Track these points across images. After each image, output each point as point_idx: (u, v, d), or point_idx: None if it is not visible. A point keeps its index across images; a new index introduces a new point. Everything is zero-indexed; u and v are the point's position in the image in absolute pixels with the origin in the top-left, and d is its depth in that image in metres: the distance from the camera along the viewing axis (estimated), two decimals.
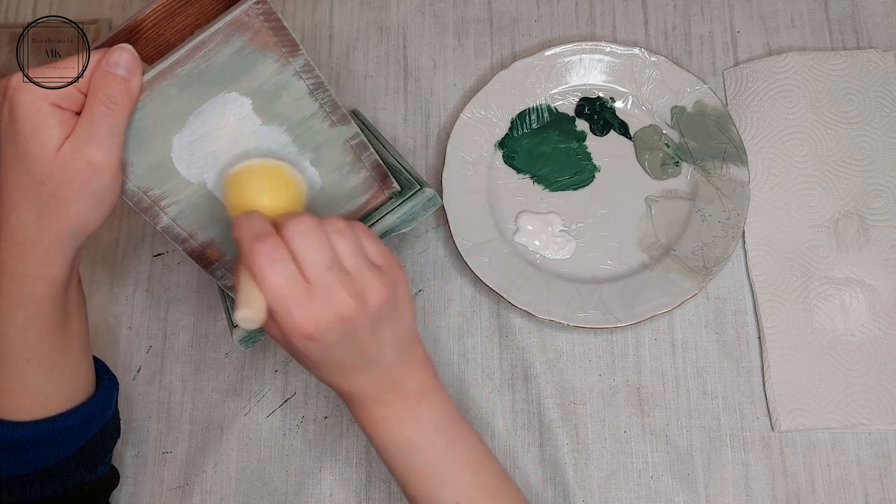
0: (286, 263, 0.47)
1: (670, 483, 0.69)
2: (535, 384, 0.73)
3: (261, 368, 0.75)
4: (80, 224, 0.51)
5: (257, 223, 0.50)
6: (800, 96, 0.77)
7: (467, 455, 0.56)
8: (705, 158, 0.76)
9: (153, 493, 0.72)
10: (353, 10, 0.85)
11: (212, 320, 0.76)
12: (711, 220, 0.74)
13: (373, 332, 0.51)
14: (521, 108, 0.79)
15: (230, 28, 0.49)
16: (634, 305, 0.71)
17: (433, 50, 0.83)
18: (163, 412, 0.74)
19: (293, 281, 0.47)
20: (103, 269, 0.79)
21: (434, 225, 0.78)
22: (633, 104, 0.79)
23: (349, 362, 0.51)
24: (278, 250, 0.47)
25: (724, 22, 0.82)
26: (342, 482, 0.71)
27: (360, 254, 0.50)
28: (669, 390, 0.72)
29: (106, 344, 0.76)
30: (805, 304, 0.72)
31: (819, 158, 0.76)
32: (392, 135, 0.81)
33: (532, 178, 0.78)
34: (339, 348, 0.50)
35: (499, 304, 0.75)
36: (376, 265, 0.51)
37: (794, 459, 0.69)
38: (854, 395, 0.70)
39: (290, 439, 0.73)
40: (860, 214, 0.74)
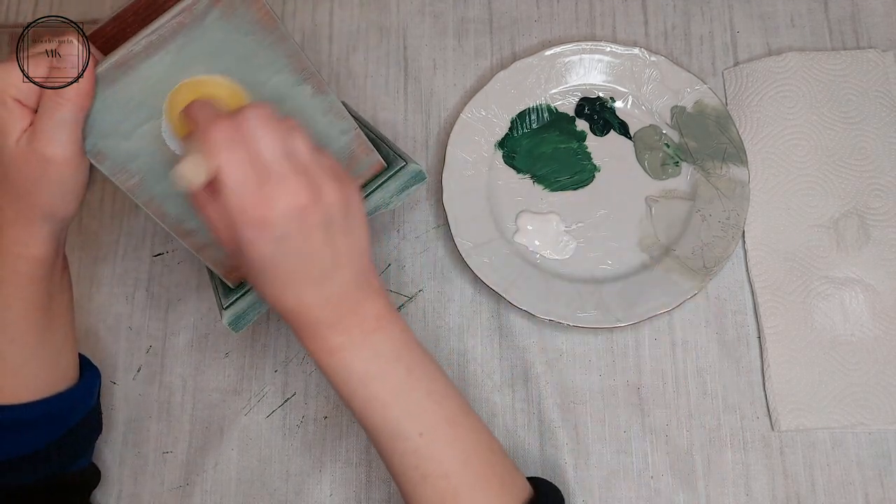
0: (241, 144, 0.46)
1: (670, 483, 0.69)
2: (535, 384, 0.73)
3: (261, 368, 0.75)
4: (49, 210, 0.53)
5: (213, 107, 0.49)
6: (800, 96, 0.77)
7: (429, 384, 0.53)
8: (705, 158, 0.76)
9: (153, 492, 0.72)
10: (353, 10, 0.85)
11: (212, 320, 0.76)
12: (711, 220, 0.74)
13: (327, 236, 0.48)
14: (521, 108, 0.79)
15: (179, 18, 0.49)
16: (634, 305, 0.71)
17: (433, 50, 0.83)
18: (163, 412, 0.74)
19: (248, 163, 0.46)
20: (103, 268, 0.79)
21: (434, 225, 0.78)
22: (633, 104, 0.79)
23: (301, 270, 0.49)
24: (235, 131, 0.46)
25: (724, 22, 0.82)
26: (342, 482, 0.71)
27: (314, 154, 0.49)
28: (669, 390, 0.72)
29: (106, 344, 0.76)
30: (805, 304, 0.72)
31: (819, 158, 0.76)
32: (392, 135, 0.81)
33: (532, 178, 0.78)
34: (291, 246, 0.47)
35: (499, 304, 0.75)
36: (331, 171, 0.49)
37: (794, 459, 0.69)
38: (854, 394, 0.70)
39: (290, 439, 0.73)
40: (860, 214, 0.74)
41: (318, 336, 0.51)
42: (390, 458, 0.53)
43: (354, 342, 0.51)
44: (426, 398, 0.53)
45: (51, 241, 0.55)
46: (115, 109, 0.51)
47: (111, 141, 0.52)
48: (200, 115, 0.48)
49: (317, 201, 0.47)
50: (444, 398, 0.54)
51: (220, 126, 0.46)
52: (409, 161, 0.65)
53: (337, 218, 0.48)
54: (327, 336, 0.51)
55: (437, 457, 0.52)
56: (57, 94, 0.48)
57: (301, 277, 0.49)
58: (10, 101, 0.49)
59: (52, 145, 0.49)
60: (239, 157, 0.46)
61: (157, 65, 0.51)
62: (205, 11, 0.50)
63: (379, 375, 0.52)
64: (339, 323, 0.51)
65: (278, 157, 0.47)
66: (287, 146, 0.47)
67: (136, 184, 0.55)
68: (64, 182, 0.51)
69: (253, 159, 0.46)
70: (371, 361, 0.52)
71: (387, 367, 0.52)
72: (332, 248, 0.49)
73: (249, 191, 0.45)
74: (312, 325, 0.51)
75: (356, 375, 0.52)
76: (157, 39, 0.49)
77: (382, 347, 0.52)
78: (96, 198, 0.81)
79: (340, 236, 0.49)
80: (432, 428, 0.52)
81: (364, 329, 0.52)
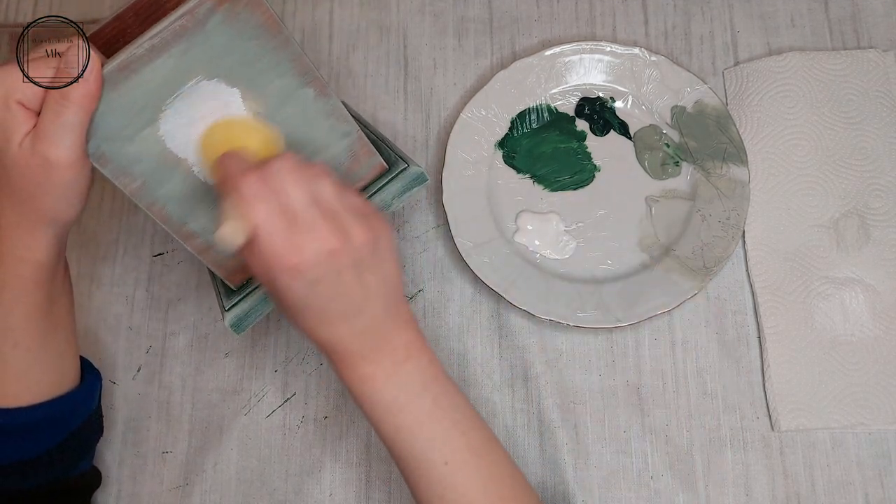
0: (271, 196, 0.48)
1: (670, 483, 0.69)
2: (534, 384, 0.73)
3: (261, 368, 0.75)
4: (52, 214, 0.53)
5: (243, 159, 0.51)
6: (800, 96, 0.77)
7: (455, 414, 0.55)
8: (705, 158, 0.76)
9: (153, 492, 0.72)
10: (353, 9, 0.85)
11: (212, 320, 0.76)
12: (711, 220, 0.74)
13: (357, 275, 0.50)
14: (521, 108, 0.79)
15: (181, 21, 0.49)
16: (634, 305, 0.71)
17: (433, 49, 0.83)
18: (163, 412, 0.74)
19: (278, 212, 0.48)
20: (103, 268, 0.79)
21: (434, 225, 0.78)
22: (633, 104, 0.79)
23: (334, 308, 0.51)
24: (264, 184, 0.48)
25: (725, 22, 0.82)
26: (342, 482, 0.71)
27: (340, 197, 0.50)
28: (669, 390, 0.72)
29: (106, 344, 0.76)
30: (805, 304, 0.72)
31: (819, 158, 0.76)
32: (392, 134, 0.81)
33: (532, 178, 0.78)
34: (323, 287, 0.49)
35: (499, 304, 0.75)
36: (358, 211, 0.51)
37: (794, 459, 0.69)
38: (854, 394, 0.70)
39: (290, 439, 0.73)
40: (860, 214, 0.74)
41: (350, 365, 0.53)
42: (416, 484, 0.54)
43: (385, 371, 0.53)
44: (452, 428, 0.54)
45: (53, 245, 0.55)
46: (118, 113, 0.51)
47: (114, 144, 0.52)
48: (231, 169, 0.50)
49: (345, 244, 0.49)
50: (470, 429, 0.55)
51: (250, 180, 0.48)
52: (410, 163, 0.65)
53: (366, 256, 0.50)
54: (359, 365, 0.53)
55: (462, 485, 0.53)
56: (62, 97, 0.48)
57: (334, 314, 0.51)
58: (13, 104, 0.48)
59: (55, 148, 0.49)
60: (270, 209, 0.48)
61: (160, 68, 0.50)
62: (207, 15, 0.50)
63: (406, 405, 0.54)
64: (371, 353, 0.53)
65: (306, 205, 0.48)
66: (314, 193, 0.49)
67: (138, 187, 0.55)
68: (67, 186, 0.51)
69: (283, 209, 0.48)
70: (400, 391, 0.54)
71: (414, 397, 0.54)
72: (362, 285, 0.51)
73: (281, 239, 0.47)
74: (345, 356, 0.53)
75: (385, 404, 0.53)
76: (160, 43, 0.49)
77: (411, 378, 0.54)
78: (96, 197, 0.81)
79: (370, 273, 0.51)
80: (457, 457, 0.54)
81: (395, 359, 0.53)
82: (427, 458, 0.53)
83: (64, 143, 0.49)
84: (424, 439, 0.54)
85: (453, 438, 0.54)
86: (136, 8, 0.55)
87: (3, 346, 0.56)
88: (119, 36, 0.55)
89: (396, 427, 0.54)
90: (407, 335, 0.54)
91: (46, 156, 0.49)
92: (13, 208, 0.52)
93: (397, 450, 0.54)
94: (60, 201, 0.52)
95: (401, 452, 0.54)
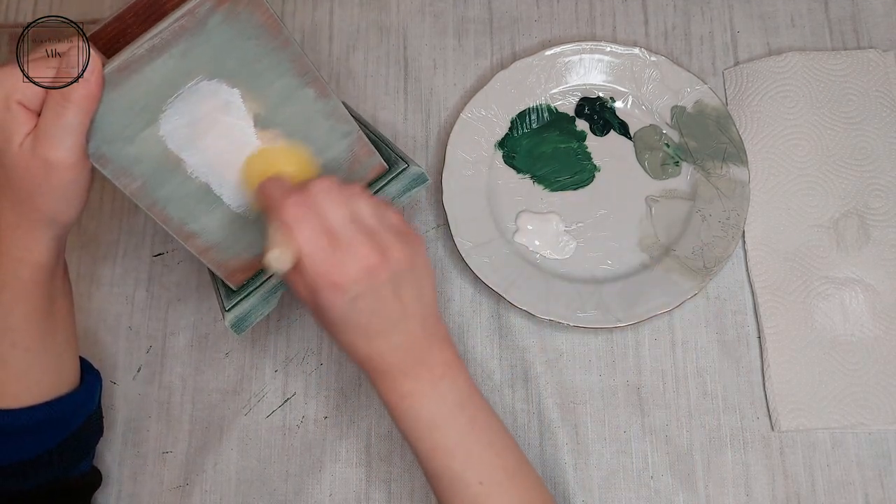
0: (313, 217, 0.50)
1: (670, 483, 0.69)
2: (534, 384, 0.73)
3: (261, 368, 0.75)
4: (52, 215, 0.53)
5: (285, 183, 0.54)
6: (800, 96, 0.77)
7: (490, 435, 0.56)
8: (705, 158, 0.76)
9: (153, 492, 0.72)
10: (353, 10, 0.85)
11: (212, 320, 0.76)
12: (711, 220, 0.74)
13: (394, 290, 0.52)
14: (521, 108, 0.79)
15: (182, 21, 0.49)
16: (634, 305, 0.71)
17: (433, 50, 0.83)
18: (163, 412, 0.74)
19: (320, 233, 0.50)
20: (103, 268, 0.79)
21: (434, 225, 0.78)
22: (633, 104, 0.79)
23: (374, 323, 0.52)
24: (306, 205, 0.50)
25: (724, 22, 0.82)
26: (342, 483, 0.71)
27: (378, 216, 0.52)
28: (669, 390, 0.72)
29: (106, 344, 0.76)
30: (805, 304, 0.72)
31: (819, 158, 0.76)
32: (392, 134, 0.81)
33: (532, 178, 0.78)
34: (364, 304, 0.51)
35: (499, 304, 0.75)
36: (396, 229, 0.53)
37: (794, 459, 0.69)
38: (854, 394, 0.70)
39: (290, 439, 0.73)
40: (860, 214, 0.74)
41: (390, 382, 0.55)
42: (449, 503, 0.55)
43: (424, 388, 0.54)
44: (488, 448, 0.55)
45: (53, 246, 0.55)
46: (118, 113, 0.51)
47: (114, 145, 0.52)
48: (273, 194, 0.53)
49: (385, 261, 0.51)
50: (504, 449, 0.57)
51: (291, 204, 0.50)
52: (410, 163, 0.65)
53: (404, 273, 0.52)
54: (398, 382, 0.54)
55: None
56: (63, 98, 0.48)
57: (373, 329, 0.53)
58: (14, 105, 0.48)
59: (56, 149, 0.49)
60: (311, 229, 0.50)
61: (161, 68, 0.50)
62: (207, 15, 0.50)
63: (444, 423, 0.55)
64: (411, 370, 0.54)
65: (346, 224, 0.51)
66: (353, 212, 0.52)
67: (139, 188, 0.55)
68: (67, 186, 0.51)
69: (324, 229, 0.50)
70: (439, 408, 0.55)
71: (451, 415, 0.55)
72: (401, 301, 0.53)
73: (323, 259, 0.50)
74: (385, 372, 0.54)
75: (423, 422, 0.55)
76: (160, 43, 0.49)
77: (449, 396, 0.55)
78: (96, 198, 0.81)
79: (407, 290, 0.53)
80: (491, 478, 0.54)
81: (433, 376, 0.55)
82: (462, 477, 0.54)
83: (64, 144, 0.49)
84: (461, 458, 0.54)
85: (489, 458, 0.55)
86: (136, 8, 0.55)
87: (3, 346, 0.56)
88: (119, 36, 0.55)
89: (434, 445, 0.55)
90: (444, 353, 0.56)
91: (46, 156, 0.49)
92: (13, 209, 0.52)
93: (433, 468, 0.55)
94: (60, 202, 0.52)
95: (436, 471, 0.55)
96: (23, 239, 0.53)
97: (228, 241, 0.60)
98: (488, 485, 0.54)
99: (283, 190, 0.53)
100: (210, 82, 0.53)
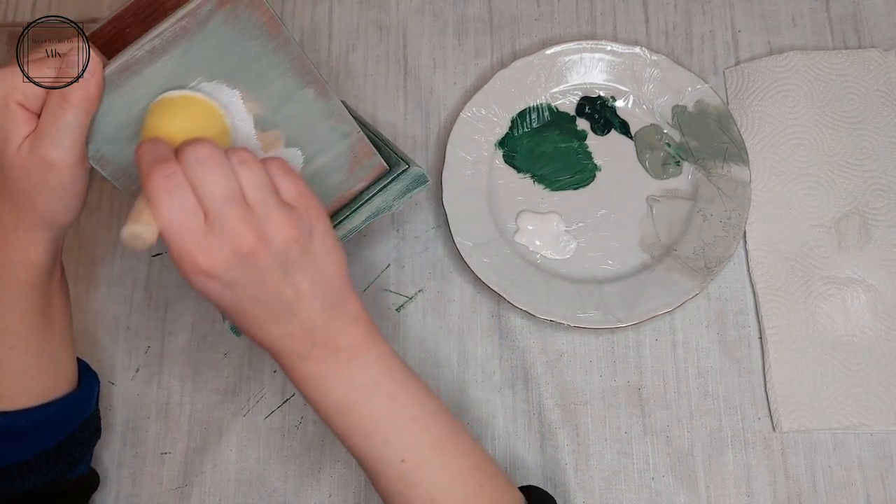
0: (183, 192, 0.44)
1: (671, 484, 0.69)
2: (535, 385, 0.72)
3: (260, 369, 0.74)
4: (49, 216, 0.52)
5: (160, 148, 0.46)
6: (801, 96, 0.77)
7: (413, 410, 0.52)
8: (706, 158, 0.76)
9: (152, 493, 0.72)
10: (352, 8, 0.85)
11: (210, 321, 0.76)
12: (713, 220, 0.73)
13: (284, 276, 0.47)
14: (521, 108, 0.79)
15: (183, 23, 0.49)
16: (635, 306, 0.71)
17: (433, 49, 0.83)
18: (161, 412, 0.74)
19: (188, 211, 0.44)
20: (102, 268, 0.78)
21: (434, 225, 0.78)
22: (633, 103, 0.79)
23: (262, 311, 0.48)
24: (176, 177, 0.44)
25: (726, 21, 0.81)
26: (341, 484, 0.71)
27: (266, 188, 0.46)
28: (670, 391, 0.72)
29: (104, 344, 0.76)
30: (806, 305, 0.72)
31: (820, 158, 0.75)
32: (392, 134, 0.80)
33: (532, 178, 0.77)
34: (242, 291, 0.46)
35: (499, 305, 0.75)
36: (288, 203, 0.47)
37: (795, 460, 0.69)
38: (856, 395, 0.70)
39: (289, 440, 0.73)
40: (862, 214, 0.74)
41: (290, 366, 0.51)
42: (376, 482, 0.53)
43: (329, 371, 0.51)
44: (410, 424, 0.52)
45: (50, 248, 0.54)
46: (118, 114, 0.51)
47: (115, 146, 0.52)
48: (145, 159, 0.46)
49: (264, 245, 0.46)
50: (431, 422, 0.53)
51: (159, 172, 0.44)
52: (411, 164, 0.65)
53: (294, 255, 0.47)
54: (299, 366, 0.51)
55: (422, 482, 0.51)
56: (63, 99, 0.47)
57: (262, 316, 0.48)
58: (14, 106, 0.48)
59: (55, 150, 0.48)
60: (179, 206, 0.44)
61: (161, 69, 0.50)
62: (208, 16, 0.49)
63: (355, 404, 0.51)
64: (310, 353, 0.50)
65: (221, 202, 0.45)
66: (227, 188, 0.45)
67: (139, 189, 0.55)
68: (65, 188, 0.50)
69: (194, 206, 0.44)
70: (347, 390, 0.51)
71: (363, 395, 0.51)
72: (293, 285, 0.48)
73: (189, 241, 0.44)
74: (284, 357, 0.51)
75: (333, 405, 0.51)
76: (161, 44, 0.49)
77: (360, 377, 0.51)
78: (95, 197, 0.80)
79: (300, 272, 0.48)
80: (415, 454, 0.51)
81: (338, 359, 0.51)
82: (383, 456, 0.51)
83: (63, 145, 0.48)
84: (379, 438, 0.51)
85: (412, 435, 0.52)
86: (136, 7, 0.55)
87: (0, 347, 0.56)
88: (118, 36, 0.55)
89: (348, 425, 0.52)
90: (352, 333, 0.51)
91: (45, 157, 0.48)
92: (10, 210, 0.52)
93: (350, 447, 0.53)
94: (58, 204, 0.51)
95: (355, 451, 0.52)
96: (20, 240, 0.53)
97: None
98: (411, 462, 0.51)
99: (154, 156, 0.45)
100: (210, 83, 0.52)
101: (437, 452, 0.52)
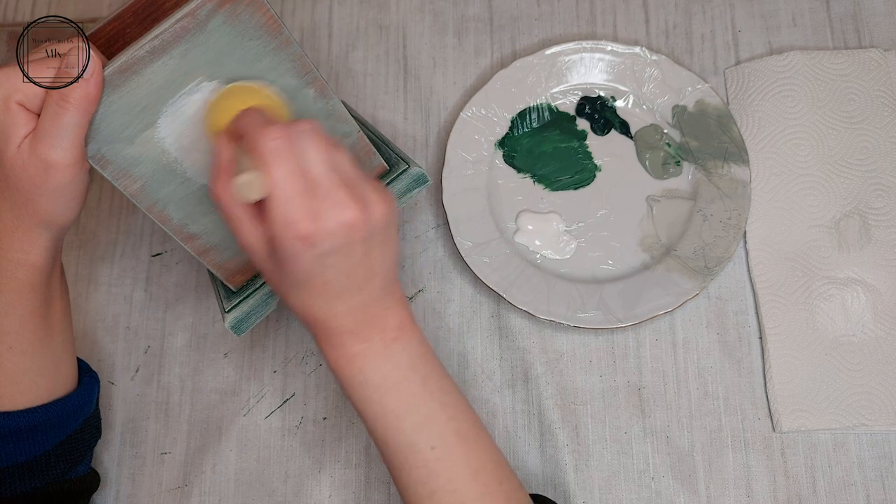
0: (291, 156, 0.45)
1: (671, 484, 0.69)
2: (535, 385, 0.72)
3: (259, 369, 0.74)
4: (49, 217, 0.52)
5: (266, 116, 0.49)
6: (801, 96, 0.77)
7: (443, 398, 0.53)
8: (706, 158, 0.76)
9: (151, 493, 0.72)
10: (352, 8, 0.85)
11: (210, 320, 0.76)
12: (713, 220, 0.73)
13: (366, 251, 0.48)
14: (521, 107, 0.79)
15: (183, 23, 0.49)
16: (635, 306, 0.71)
17: (433, 48, 0.83)
18: (161, 413, 0.74)
19: (297, 174, 0.45)
20: (101, 268, 0.78)
21: (434, 225, 0.78)
22: (633, 103, 0.78)
23: (338, 283, 0.49)
24: (285, 142, 0.46)
25: (726, 21, 0.81)
26: (341, 484, 0.71)
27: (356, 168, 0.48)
28: (670, 391, 0.72)
29: (104, 344, 0.76)
30: (807, 305, 0.72)
31: (821, 158, 0.75)
32: (392, 134, 0.80)
33: (532, 178, 0.77)
34: (333, 261, 0.47)
35: (499, 305, 0.75)
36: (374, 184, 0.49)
37: (795, 460, 0.69)
38: (856, 395, 0.69)
39: (289, 440, 0.73)
40: (862, 214, 0.74)
41: (338, 343, 0.52)
42: (399, 471, 0.53)
43: (374, 350, 0.52)
44: (440, 411, 0.53)
45: (50, 248, 0.54)
46: (118, 114, 0.51)
47: (114, 146, 0.52)
48: (253, 121, 0.48)
49: (367, 218, 0.47)
50: (457, 412, 0.54)
51: (273, 134, 0.46)
52: (411, 164, 0.65)
53: (378, 232, 0.48)
54: (348, 343, 0.51)
55: (447, 472, 0.52)
56: (62, 99, 0.47)
57: (335, 290, 0.49)
58: (14, 106, 0.48)
59: (54, 150, 0.48)
60: (289, 168, 0.45)
61: (161, 70, 0.50)
62: (209, 16, 0.49)
63: (395, 386, 0.52)
64: (361, 331, 0.51)
65: (327, 171, 0.46)
66: (334, 161, 0.47)
67: (138, 189, 0.55)
68: (64, 188, 0.50)
69: (303, 172, 0.46)
70: (388, 371, 0.52)
71: (402, 377, 0.52)
72: (369, 261, 0.49)
73: (298, 204, 0.45)
74: (335, 334, 0.51)
75: (372, 385, 0.52)
76: (161, 44, 0.49)
77: (400, 358, 0.52)
78: (94, 198, 0.80)
79: (377, 250, 0.49)
80: (444, 441, 0.52)
81: (384, 338, 0.52)
82: (413, 440, 0.52)
83: (62, 145, 0.48)
84: (412, 422, 0.52)
85: (441, 421, 0.52)
86: (135, 7, 0.55)
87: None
88: (118, 36, 0.55)
89: (383, 409, 0.52)
90: (400, 314, 0.53)
91: (45, 157, 0.48)
92: (10, 211, 0.52)
93: (382, 433, 0.53)
94: (58, 204, 0.52)
95: (384, 436, 0.53)
96: (20, 241, 0.53)
97: (228, 243, 0.60)
98: (440, 449, 0.52)
99: (263, 120, 0.48)
100: (210, 83, 0.52)
101: (463, 442, 0.53)
